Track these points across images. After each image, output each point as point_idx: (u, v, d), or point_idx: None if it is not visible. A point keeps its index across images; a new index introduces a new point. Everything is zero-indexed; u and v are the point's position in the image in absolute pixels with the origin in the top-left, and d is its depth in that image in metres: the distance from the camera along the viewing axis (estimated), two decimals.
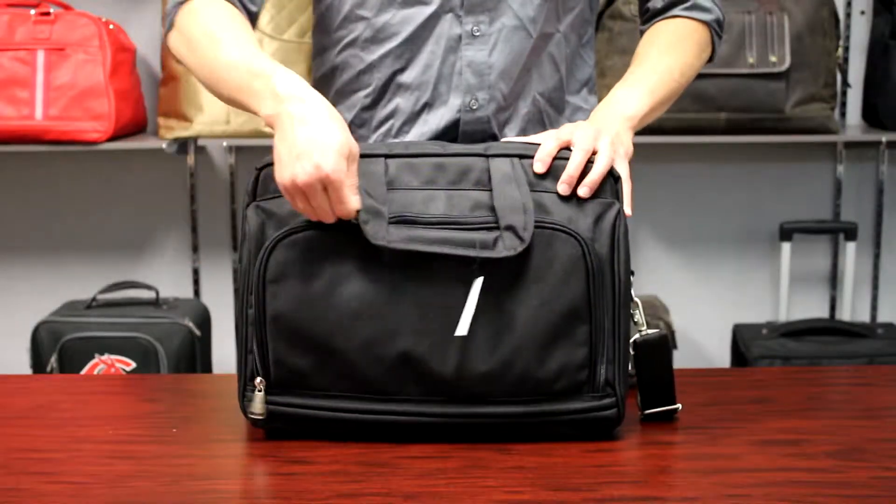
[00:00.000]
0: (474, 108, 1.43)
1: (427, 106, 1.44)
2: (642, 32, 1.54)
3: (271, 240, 1.21)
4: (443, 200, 1.23)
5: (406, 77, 1.44)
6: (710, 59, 1.55)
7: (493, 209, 1.21)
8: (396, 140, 1.46)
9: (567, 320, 1.21)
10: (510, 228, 1.19)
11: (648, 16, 1.54)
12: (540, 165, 1.24)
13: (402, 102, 1.44)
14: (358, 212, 1.19)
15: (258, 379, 1.24)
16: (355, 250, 1.20)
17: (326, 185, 1.17)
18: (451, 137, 1.45)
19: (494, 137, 1.45)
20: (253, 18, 1.43)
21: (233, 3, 1.40)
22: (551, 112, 1.50)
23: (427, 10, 1.42)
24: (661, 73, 1.44)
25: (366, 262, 1.20)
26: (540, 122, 1.49)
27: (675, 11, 1.51)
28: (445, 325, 1.19)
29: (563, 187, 1.23)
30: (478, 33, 1.42)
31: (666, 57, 1.46)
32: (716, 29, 1.53)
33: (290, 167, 1.18)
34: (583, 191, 1.23)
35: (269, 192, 1.25)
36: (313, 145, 1.18)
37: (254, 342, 1.24)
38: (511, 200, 1.20)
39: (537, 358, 1.21)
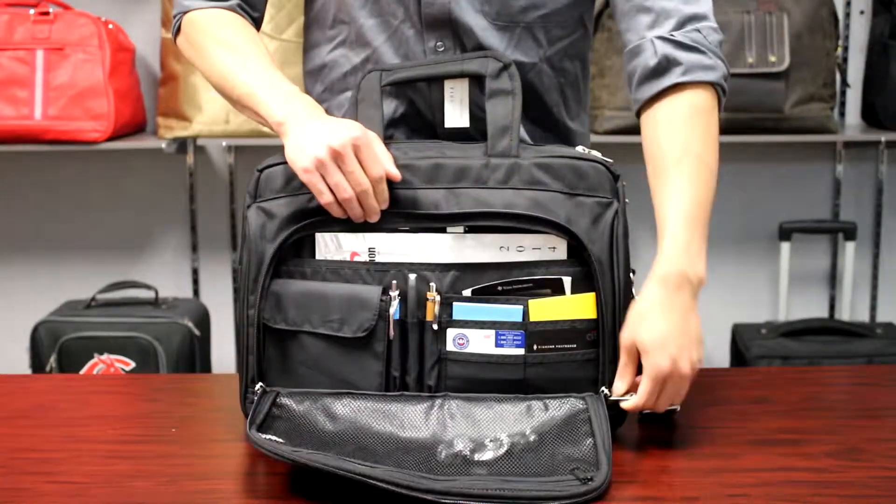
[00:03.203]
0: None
1: (404, 116, 1.43)
2: (638, 112, 1.35)
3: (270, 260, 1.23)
4: (443, 198, 1.23)
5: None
6: None
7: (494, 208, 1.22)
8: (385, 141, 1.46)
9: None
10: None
11: (640, 79, 1.33)
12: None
13: (384, 106, 1.43)
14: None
15: (258, 385, 1.24)
16: None
17: (359, 147, 1.21)
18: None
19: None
20: (256, 25, 1.47)
21: (234, 11, 1.43)
22: (543, 133, 1.47)
23: (393, 22, 1.41)
24: (707, 200, 1.28)
25: None
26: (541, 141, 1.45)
27: (674, 79, 1.30)
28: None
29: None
30: (441, 49, 1.40)
31: (705, 168, 1.28)
32: (722, 87, 1.33)
33: (319, 140, 1.21)
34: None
35: (270, 193, 1.25)
36: (337, 123, 1.23)
37: (254, 344, 1.24)
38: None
39: None
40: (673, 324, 1.21)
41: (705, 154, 1.29)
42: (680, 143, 1.29)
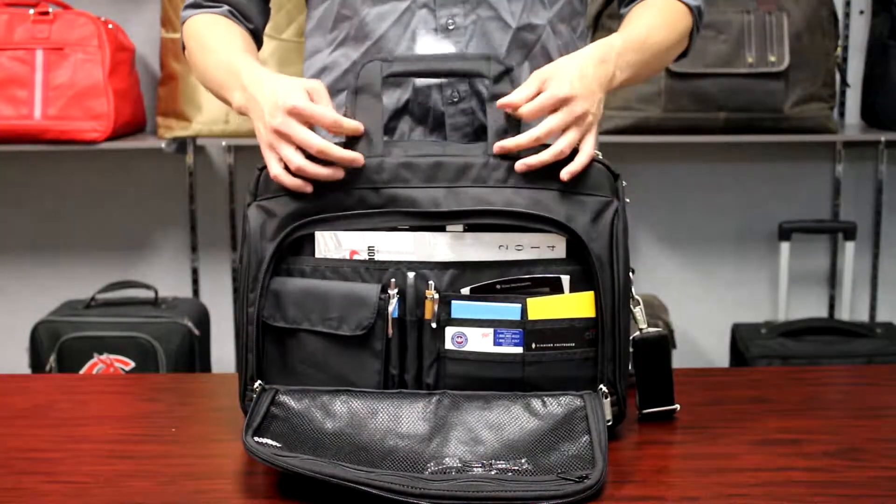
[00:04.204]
0: (456, 100, 1.43)
1: (410, 102, 1.44)
2: (623, 17, 1.49)
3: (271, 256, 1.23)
4: (442, 196, 1.23)
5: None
6: (685, 54, 1.51)
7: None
8: (386, 138, 1.46)
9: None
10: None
11: None
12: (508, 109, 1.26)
13: (385, 99, 1.44)
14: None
15: (257, 384, 1.24)
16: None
17: (302, 117, 1.23)
18: (438, 132, 1.45)
19: (484, 130, 1.44)
20: (255, 35, 1.51)
21: (226, 17, 1.48)
22: None
23: (401, 6, 1.42)
24: (649, 48, 1.39)
25: None
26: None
27: None
28: None
29: (520, 166, 1.23)
30: (452, 26, 1.42)
31: (657, 31, 1.41)
32: (697, 19, 1.49)
33: (265, 123, 1.25)
34: (565, 176, 1.23)
35: (270, 192, 1.26)
36: (274, 97, 1.25)
37: (254, 342, 1.24)
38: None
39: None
40: (584, 75, 1.27)
41: (665, 33, 1.42)
42: (648, 19, 1.42)
